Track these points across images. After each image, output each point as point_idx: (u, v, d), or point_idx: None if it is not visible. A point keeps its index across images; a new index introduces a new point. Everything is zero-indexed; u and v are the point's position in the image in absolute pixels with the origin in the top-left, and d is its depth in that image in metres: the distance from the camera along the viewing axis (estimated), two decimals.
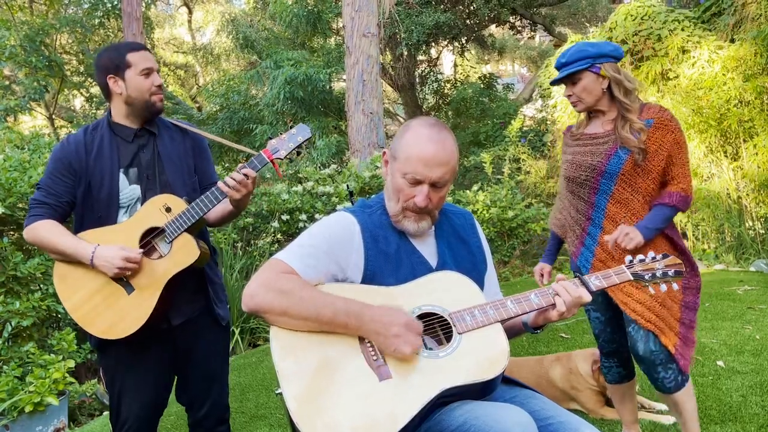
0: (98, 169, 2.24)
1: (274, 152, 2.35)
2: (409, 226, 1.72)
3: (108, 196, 2.24)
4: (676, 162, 2.38)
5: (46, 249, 2.23)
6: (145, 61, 2.27)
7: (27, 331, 3.93)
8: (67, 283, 2.19)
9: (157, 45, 20.24)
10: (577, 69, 2.41)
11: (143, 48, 2.33)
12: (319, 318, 1.53)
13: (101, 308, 2.16)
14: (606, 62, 2.41)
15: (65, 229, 2.21)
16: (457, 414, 1.49)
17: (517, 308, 1.66)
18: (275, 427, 3.43)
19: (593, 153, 2.46)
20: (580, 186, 2.51)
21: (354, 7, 8.47)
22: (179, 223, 2.21)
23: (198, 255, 2.22)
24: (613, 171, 2.39)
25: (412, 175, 1.65)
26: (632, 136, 2.35)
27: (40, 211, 2.21)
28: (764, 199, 7.06)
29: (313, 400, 1.48)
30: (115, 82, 2.27)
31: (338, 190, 6.46)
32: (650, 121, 2.38)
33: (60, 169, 2.24)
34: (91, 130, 2.32)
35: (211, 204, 2.25)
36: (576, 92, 2.46)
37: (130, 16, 9.15)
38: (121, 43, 2.38)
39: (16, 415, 3.37)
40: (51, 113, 14.14)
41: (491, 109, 14.33)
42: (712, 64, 7.28)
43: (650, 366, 2.38)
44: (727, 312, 4.67)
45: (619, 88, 2.41)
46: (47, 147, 5.07)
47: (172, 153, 2.36)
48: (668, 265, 1.78)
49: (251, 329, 5.54)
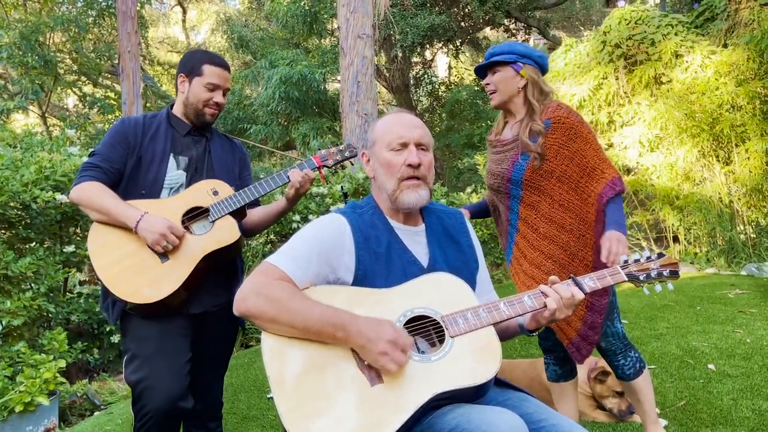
0: (151, 149, 2.33)
1: (323, 160, 2.52)
2: (409, 198, 1.74)
3: (155, 177, 2.31)
4: (586, 155, 2.40)
5: (91, 208, 2.23)
6: (216, 77, 2.37)
7: (18, 331, 3.91)
8: (102, 243, 2.21)
9: (151, 44, 20.18)
10: (500, 60, 2.48)
11: (224, 66, 2.42)
12: (306, 328, 1.54)
13: (131, 272, 2.16)
14: (528, 64, 2.48)
15: (113, 192, 2.24)
16: (449, 418, 1.49)
17: (510, 311, 1.66)
18: (267, 428, 3.42)
19: (501, 161, 2.54)
20: (497, 192, 2.60)
21: (349, 9, 8.46)
22: (226, 204, 2.29)
23: (238, 237, 2.27)
24: (517, 178, 2.46)
25: (396, 142, 1.75)
26: (530, 142, 2.40)
27: (91, 173, 2.26)
28: (756, 204, 7.11)
29: (304, 405, 1.47)
30: (182, 81, 2.40)
31: (332, 191, 6.45)
32: (548, 122, 2.42)
33: (117, 139, 2.32)
34: (150, 117, 2.43)
35: (258, 193, 2.35)
36: (494, 81, 2.52)
37: (124, 14, 9.12)
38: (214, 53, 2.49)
39: (7, 414, 3.35)
40: (44, 112, 14.07)
41: (485, 112, 14.37)
42: (705, 69, 7.33)
43: (610, 355, 2.52)
44: (718, 315, 4.69)
45: (534, 90, 2.47)
46: (39, 146, 5.04)
47: (221, 156, 2.48)
48: (663, 264, 1.76)
49: (243, 330, 5.53)
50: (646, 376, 2.56)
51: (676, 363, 3.75)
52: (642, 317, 4.86)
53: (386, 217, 1.79)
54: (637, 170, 7.94)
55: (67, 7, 13.84)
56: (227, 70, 2.44)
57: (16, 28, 11.39)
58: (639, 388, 2.54)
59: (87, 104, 14.78)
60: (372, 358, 1.50)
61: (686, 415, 3.03)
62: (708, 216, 7.20)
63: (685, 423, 2.94)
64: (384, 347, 1.48)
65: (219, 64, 2.40)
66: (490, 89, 2.55)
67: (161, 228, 2.14)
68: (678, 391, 3.33)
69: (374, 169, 1.81)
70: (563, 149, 2.40)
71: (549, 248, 2.45)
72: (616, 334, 2.50)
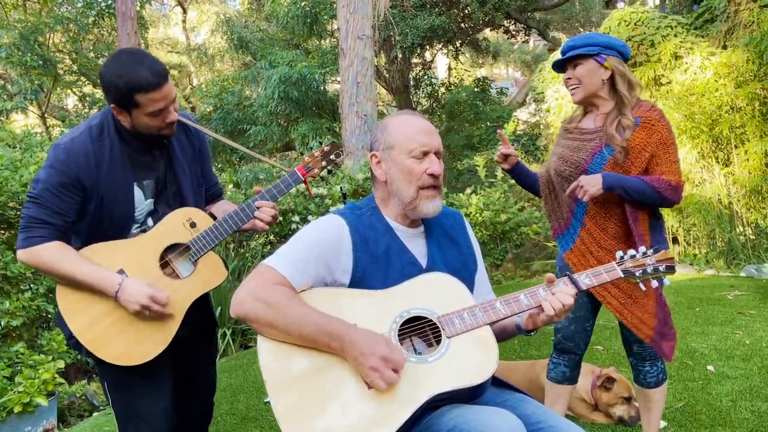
0: (112, 185, 1.98)
1: (308, 170, 2.26)
2: (428, 208, 1.73)
3: (123, 214, 2.02)
4: (661, 161, 2.34)
5: (53, 275, 1.95)
6: (157, 103, 1.92)
7: (17, 331, 3.91)
8: (73, 303, 1.97)
9: (151, 45, 20.18)
10: (582, 53, 2.38)
11: (159, 84, 1.91)
12: (302, 336, 1.53)
13: (112, 332, 1.95)
14: (612, 55, 2.39)
15: (76, 252, 1.95)
16: (447, 418, 1.49)
17: (506, 309, 1.66)
18: (266, 429, 3.42)
19: (579, 149, 2.45)
20: (566, 180, 2.49)
21: (349, 10, 8.47)
22: (206, 240, 2.06)
23: (225, 276, 2.10)
24: (595, 170, 2.37)
25: (418, 149, 1.71)
26: (618, 134, 2.32)
27: (42, 232, 1.91)
28: (755, 205, 7.11)
29: (301, 408, 1.47)
30: (119, 113, 1.97)
31: (331, 192, 6.45)
32: (638, 120, 2.35)
33: (66, 185, 1.92)
34: (98, 137, 2.00)
35: (241, 222, 2.11)
36: (576, 75, 2.42)
37: (124, 15, 9.13)
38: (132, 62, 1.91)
39: (5, 415, 3.34)
40: (43, 112, 14.07)
41: (485, 113, 14.39)
42: (705, 71, 7.33)
43: (638, 359, 2.48)
44: (718, 317, 4.69)
45: (623, 81, 2.38)
46: (39, 146, 5.04)
47: (183, 164, 2.17)
48: (659, 260, 1.74)
49: (242, 331, 5.53)
50: (664, 389, 2.52)
51: (676, 364, 3.75)
52: None
53: (386, 218, 1.78)
54: None
55: (67, 7, 13.86)
56: (163, 82, 1.92)
57: (15, 28, 11.39)
58: (655, 398, 2.51)
59: (87, 104, 14.77)
60: (363, 372, 1.50)
61: (685, 416, 3.03)
62: (707, 217, 7.20)
63: (684, 424, 2.94)
64: (375, 363, 1.47)
65: (153, 86, 1.89)
66: (572, 83, 2.44)
67: (142, 299, 1.90)
68: (677, 392, 3.33)
69: (388, 173, 1.76)
70: (645, 151, 2.32)
71: (618, 247, 2.32)
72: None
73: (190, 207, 2.12)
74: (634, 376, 2.55)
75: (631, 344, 2.50)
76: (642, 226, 2.36)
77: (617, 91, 2.39)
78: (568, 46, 2.45)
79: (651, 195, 2.29)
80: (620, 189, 2.27)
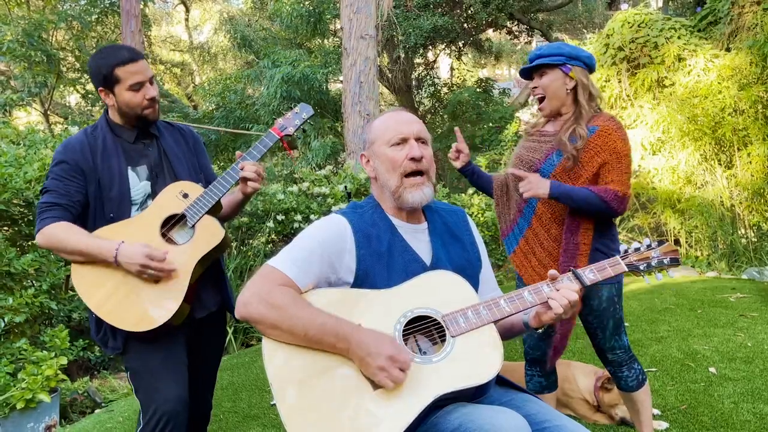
0: (106, 169, 2.16)
1: (282, 130, 2.40)
2: (414, 197, 1.74)
3: (119, 194, 2.16)
4: (612, 169, 2.36)
5: (64, 252, 2.10)
6: (135, 75, 2.14)
7: (20, 328, 3.91)
8: (87, 281, 2.09)
9: (154, 43, 20.20)
10: (549, 62, 2.44)
11: (133, 59, 2.16)
12: (307, 337, 1.54)
13: (127, 303, 2.06)
14: (577, 66, 2.45)
15: (82, 228, 2.10)
16: (452, 417, 1.49)
17: (510, 307, 1.66)
18: (268, 427, 3.42)
19: (536, 150, 2.51)
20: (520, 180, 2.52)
21: (352, 9, 8.47)
22: (200, 205, 2.18)
23: (224, 234, 2.18)
24: (545, 172, 2.43)
25: (396, 137, 1.75)
26: (569, 142, 2.38)
27: (52, 213, 2.09)
28: (757, 208, 7.11)
29: (307, 410, 1.47)
30: (105, 94, 2.19)
31: (333, 191, 6.46)
32: (595, 128, 2.39)
33: (67, 171, 2.14)
34: (91, 132, 2.23)
35: (228, 184, 2.22)
36: (542, 84, 2.48)
37: (128, 13, 9.13)
38: (112, 49, 2.20)
39: (8, 411, 3.35)
40: (46, 109, 14.08)
41: (487, 113, 14.37)
42: (708, 73, 7.33)
43: (615, 366, 2.51)
44: (719, 319, 4.69)
45: (584, 92, 2.44)
46: (42, 143, 5.05)
47: (178, 152, 2.32)
48: (665, 252, 1.73)
49: (244, 329, 5.54)
50: (647, 388, 2.57)
51: (677, 366, 3.75)
52: (643, 320, 4.86)
53: (388, 215, 1.79)
54: (639, 173, 7.94)
55: (71, 4, 13.86)
56: (137, 58, 2.17)
57: (19, 24, 11.40)
58: (640, 400, 2.54)
59: (90, 102, 14.78)
60: (370, 372, 1.50)
61: (687, 418, 3.03)
62: (709, 220, 7.20)
63: (686, 426, 2.95)
64: (382, 363, 1.47)
65: (129, 60, 2.14)
66: (537, 93, 2.51)
67: (139, 258, 2.00)
68: (679, 394, 3.33)
69: (375, 168, 1.80)
70: (597, 157, 2.36)
71: (557, 251, 2.44)
72: (623, 347, 2.50)
73: (182, 181, 2.23)
74: (616, 384, 2.58)
75: (604, 353, 2.53)
76: (584, 235, 2.40)
77: (577, 101, 2.45)
78: (536, 55, 2.51)
79: (596, 204, 2.33)
80: (566, 198, 2.33)
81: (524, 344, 2.70)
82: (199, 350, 2.36)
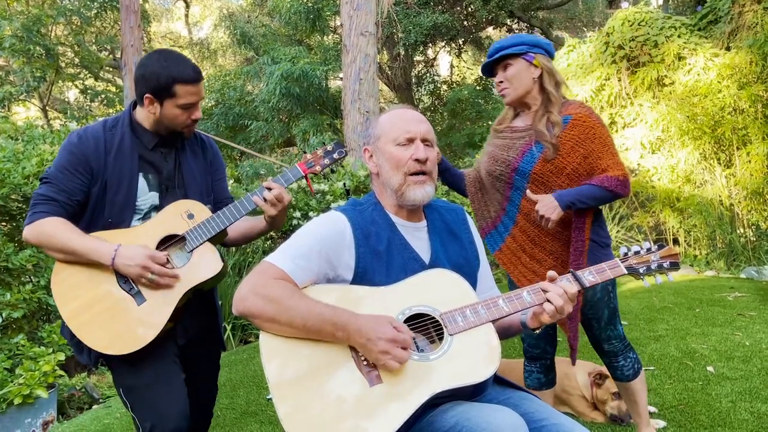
0: (117, 170, 2.03)
1: (309, 167, 2.26)
2: (416, 195, 1.73)
3: (124, 200, 2.04)
4: (603, 156, 2.35)
5: (53, 249, 1.96)
6: (191, 96, 2.04)
7: (17, 323, 3.91)
8: (67, 287, 1.96)
9: (154, 38, 20.17)
10: (511, 53, 2.42)
11: (197, 80, 2.05)
12: (306, 327, 1.53)
13: (104, 318, 1.92)
14: (539, 53, 2.42)
15: (75, 227, 1.98)
16: (449, 416, 1.49)
17: (509, 307, 1.65)
18: (266, 424, 3.42)
19: (510, 147, 2.47)
20: (497, 179, 2.53)
21: (352, 6, 8.46)
22: (203, 230, 2.04)
23: (221, 267, 2.05)
24: (525, 169, 2.40)
25: (403, 136, 1.74)
26: (546, 131, 2.35)
27: (47, 207, 1.97)
28: (756, 207, 7.11)
29: (304, 407, 1.47)
30: (150, 102, 2.04)
31: (332, 188, 6.45)
32: (568, 118, 2.37)
33: (75, 164, 2.00)
34: (111, 127, 2.10)
35: (239, 214, 2.11)
36: (507, 77, 2.45)
37: (128, 8, 9.11)
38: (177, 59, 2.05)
39: (5, 407, 3.35)
40: (45, 104, 14.06)
41: (487, 111, 14.38)
42: (708, 72, 7.32)
43: (611, 356, 2.52)
44: (718, 318, 4.70)
45: (550, 79, 2.42)
46: (41, 138, 5.04)
47: (194, 169, 2.21)
48: (664, 256, 1.73)
49: (242, 326, 5.53)
50: (642, 377, 2.57)
51: (675, 365, 3.75)
52: (641, 319, 4.86)
53: (387, 212, 1.79)
54: (638, 172, 7.94)
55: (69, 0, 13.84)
56: (200, 79, 2.08)
57: (18, 19, 11.38)
58: (636, 389, 2.55)
59: (89, 97, 14.76)
60: (373, 357, 1.50)
61: (685, 416, 3.03)
62: (708, 219, 7.20)
63: (684, 425, 2.95)
64: (385, 346, 1.48)
65: (191, 80, 2.03)
66: (503, 87, 2.47)
67: (141, 259, 1.89)
68: (677, 392, 3.33)
69: (378, 165, 1.80)
70: (579, 147, 2.34)
71: (551, 245, 2.44)
72: (618, 337, 2.51)
73: (191, 200, 2.12)
74: (612, 374, 2.59)
75: (600, 344, 2.53)
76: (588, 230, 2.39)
77: (545, 89, 2.42)
78: (495, 49, 2.48)
79: (604, 196, 2.33)
80: (578, 202, 2.30)
81: (523, 342, 2.71)
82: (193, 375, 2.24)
